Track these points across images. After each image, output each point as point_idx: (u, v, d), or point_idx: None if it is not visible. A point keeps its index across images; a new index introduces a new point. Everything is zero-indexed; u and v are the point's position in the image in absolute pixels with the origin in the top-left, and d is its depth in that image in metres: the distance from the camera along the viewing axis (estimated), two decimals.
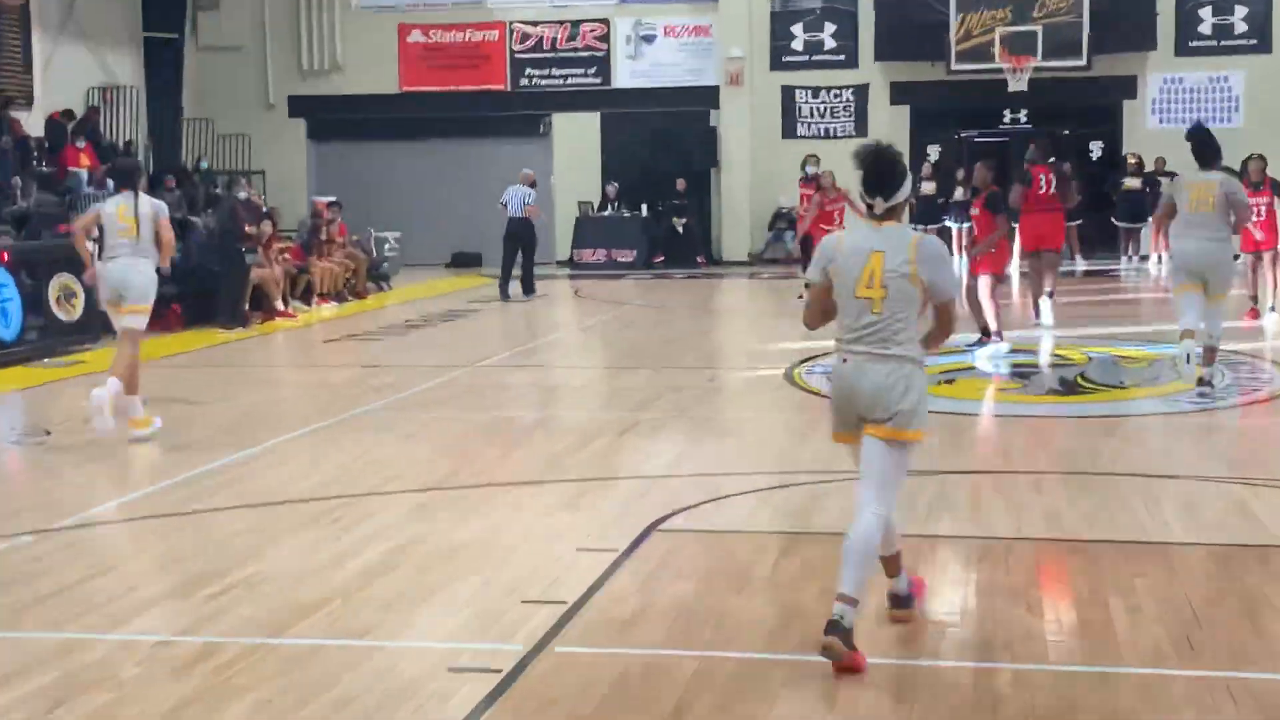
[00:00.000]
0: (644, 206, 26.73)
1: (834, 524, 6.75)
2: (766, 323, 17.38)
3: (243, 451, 8.90)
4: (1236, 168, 22.70)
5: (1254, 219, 15.01)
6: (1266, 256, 15.82)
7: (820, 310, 5.26)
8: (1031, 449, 8.81)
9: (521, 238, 20.48)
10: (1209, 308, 10.28)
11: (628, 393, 11.38)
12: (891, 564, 5.35)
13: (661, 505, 7.22)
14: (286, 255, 19.05)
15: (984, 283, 13.21)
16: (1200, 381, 10.20)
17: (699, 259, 26.44)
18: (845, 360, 5.10)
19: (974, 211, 13.75)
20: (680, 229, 26.52)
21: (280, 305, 17.93)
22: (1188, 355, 10.04)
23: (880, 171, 5.13)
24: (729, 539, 6.68)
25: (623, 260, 26.14)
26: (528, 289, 20.60)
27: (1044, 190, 14.76)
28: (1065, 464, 8.20)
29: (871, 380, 5.03)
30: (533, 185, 20.97)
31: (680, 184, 26.48)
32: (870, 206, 5.16)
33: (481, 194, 27.13)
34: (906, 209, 5.23)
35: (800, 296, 17.10)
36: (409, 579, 6.02)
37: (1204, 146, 10.91)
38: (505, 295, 20.23)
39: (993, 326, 13.19)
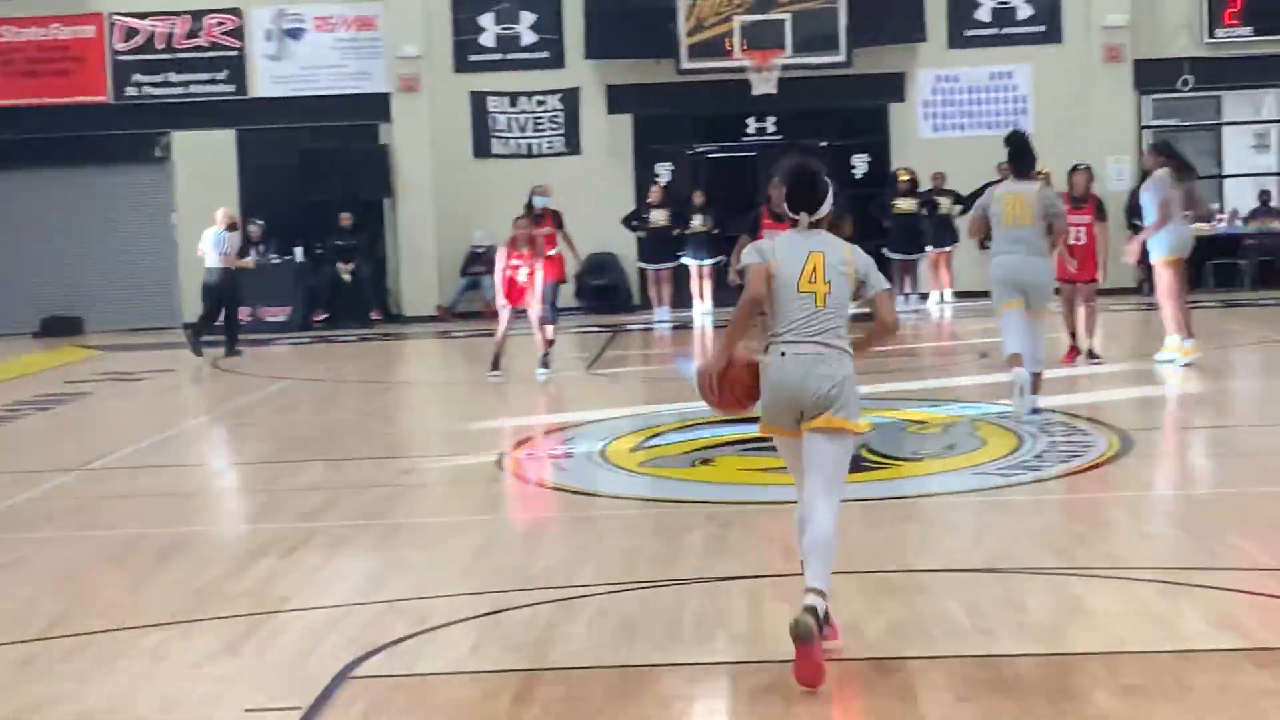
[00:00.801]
0: (298, 249, 26.41)
1: (579, 655, 6.70)
2: (467, 396, 17.31)
3: None
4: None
5: (1072, 241, 15.91)
6: (1083, 290, 16.61)
7: (755, 302, 6.48)
8: None
9: (222, 289, 21.39)
10: (1029, 327, 11.82)
11: (295, 496, 11.14)
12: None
13: (352, 644, 7.04)
14: None
15: None
16: (1035, 411, 11.52)
17: (373, 315, 26.31)
18: (784, 355, 6.43)
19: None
20: (347, 277, 26.33)
21: None
22: (1020, 388, 10.79)
23: (803, 188, 6.57)
24: (444, 684, 6.55)
25: (272, 320, 25.76)
26: (230, 349, 21.50)
27: None
28: (859, 560, 8.33)
29: (820, 373, 6.40)
30: (232, 228, 21.90)
31: (345, 219, 26.36)
32: (795, 223, 6.59)
33: (80, 238, 26.39)
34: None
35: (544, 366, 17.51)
36: None
37: (1023, 152, 12.49)
38: (198, 351, 21.29)
39: None
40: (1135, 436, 11.92)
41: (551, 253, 19.19)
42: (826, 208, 6.53)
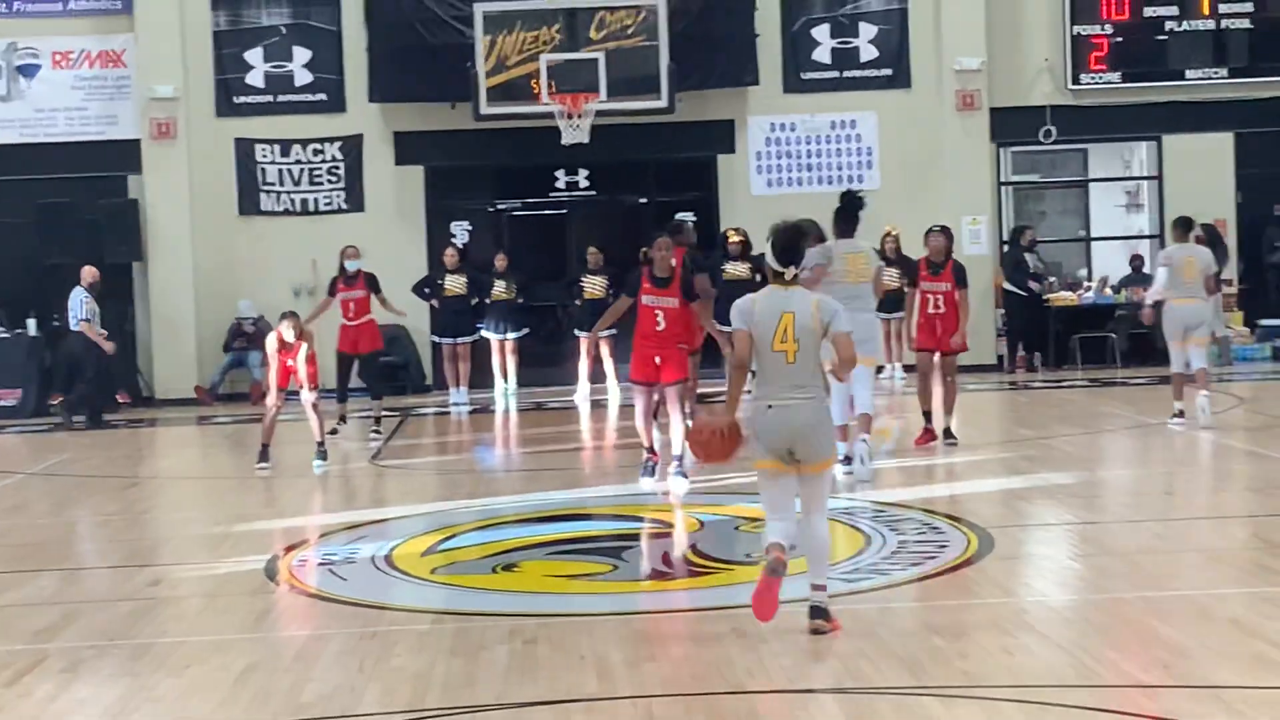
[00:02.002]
0: (31, 322, 25.94)
1: None
2: (230, 492, 17.09)
3: None
4: (874, 241, 24.50)
5: (931, 311, 16.44)
6: (944, 364, 16.92)
7: (741, 367, 9.19)
8: (637, 661, 8.93)
9: (76, 354, 22.46)
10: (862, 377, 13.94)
11: (24, 613, 10.92)
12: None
13: None
14: None
15: (639, 398, 14.99)
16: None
17: (119, 396, 25.87)
18: (770, 407, 9.04)
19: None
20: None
21: None
22: (863, 456, 11.92)
23: (790, 244, 9.18)
24: None
25: (1, 404, 25.26)
26: (68, 417, 22.61)
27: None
28: (685, 681, 8.35)
29: (802, 418, 9.03)
30: (89, 288, 22.75)
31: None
32: (780, 274, 9.16)
33: None
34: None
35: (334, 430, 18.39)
36: None
37: (855, 211, 14.47)
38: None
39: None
40: (995, 535, 12.09)
41: (364, 319, 19.49)
42: (806, 264, 9.95)
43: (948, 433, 17.13)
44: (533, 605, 10.46)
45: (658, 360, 14.83)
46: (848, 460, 14.54)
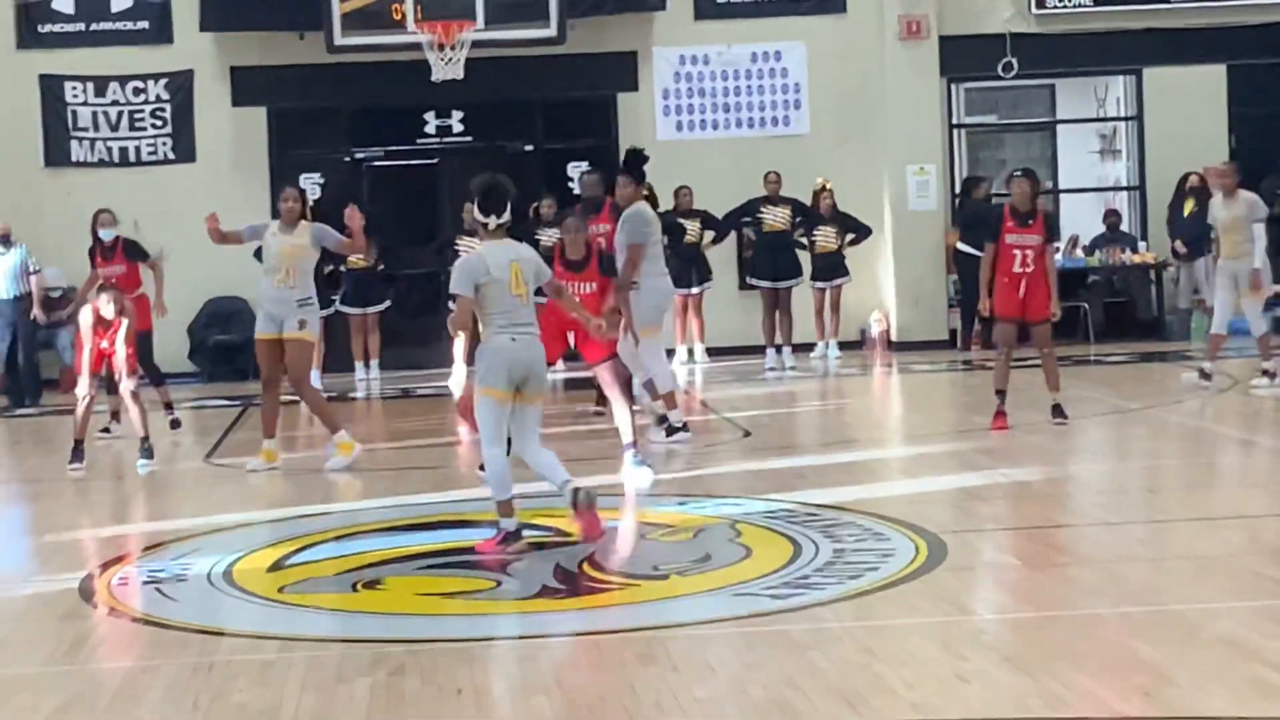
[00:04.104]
0: None
1: None
2: (38, 498, 16.98)
3: None
4: (802, 195, 24.64)
5: (1018, 268, 17.51)
6: (1034, 335, 17.96)
7: (469, 318, 12.37)
8: (525, 694, 8.94)
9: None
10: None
11: None
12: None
13: None
14: None
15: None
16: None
17: None
18: (514, 339, 12.12)
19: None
20: None
21: None
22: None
23: (491, 194, 12.31)
24: None
25: None
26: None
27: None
28: (581, 716, 8.37)
29: (536, 352, 12.23)
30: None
31: None
32: (485, 225, 12.34)
33: None
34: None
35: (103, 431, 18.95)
36: None
37: (640, 166, 17.53)
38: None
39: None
40: (948, 541, 12.16)
41: (134, 295, 19.32)
42: (508, 215, 12.28)
43: (1057, 410, 17.49)
44: (400, 629, 10.44)
45: (571, 338, 15.60)
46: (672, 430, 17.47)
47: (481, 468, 14.87)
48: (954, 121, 28.22)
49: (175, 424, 20.51)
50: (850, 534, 12.55)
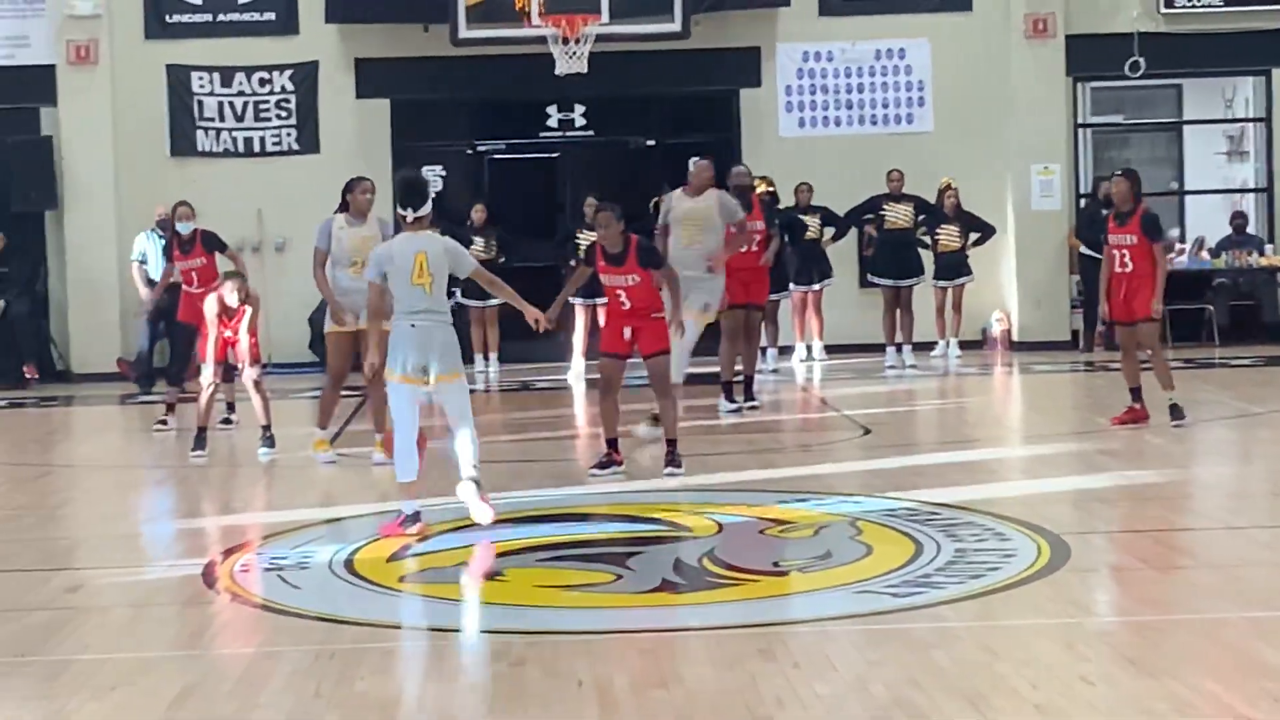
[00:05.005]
0: None
1: None
2: (160, 484, 17.12)
3: None
4: (924, 193, 24.54)
5: (1118, 267, 17.33)
6: (1137, 334, 17.68)
7: (377, 302, 13.47)
8: (644, 688, 8.94)
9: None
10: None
11: None
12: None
13: None
14: None
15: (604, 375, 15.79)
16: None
17: (26, 371, 25.87)
18: (414, 326, 13.03)
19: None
20: None
21: None
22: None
23: (410, 189, 13.30)
24: None
25: None
26: None
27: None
28: (702, 711, 8.35)
29: (440, 339, 13.14)
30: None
31: None
32: (404, 218, 13.14)
33: None
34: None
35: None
36: None
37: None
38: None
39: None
40: (1071, 542, 12.10)
41: (213, 286, 19.38)
42: (426, 209, 13.21)
43: (1175, 410, 17.48)
44: (521, 620, 10.46)
45: (628, 333, 15.51)
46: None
47: (598, 465, 15.07)
48: (1079, 121, 28.05)
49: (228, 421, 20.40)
50: (971, 533, 12.50)
